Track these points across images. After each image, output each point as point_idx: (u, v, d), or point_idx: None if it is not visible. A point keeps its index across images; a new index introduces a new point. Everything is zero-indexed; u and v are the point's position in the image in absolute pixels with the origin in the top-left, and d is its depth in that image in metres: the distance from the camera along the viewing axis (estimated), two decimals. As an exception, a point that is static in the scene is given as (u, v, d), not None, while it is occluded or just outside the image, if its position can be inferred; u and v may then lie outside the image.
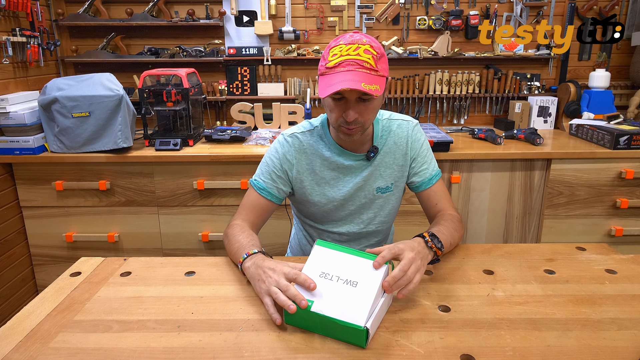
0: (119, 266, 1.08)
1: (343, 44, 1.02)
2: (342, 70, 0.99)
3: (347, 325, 0.77)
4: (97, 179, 2.10)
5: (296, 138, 1.22)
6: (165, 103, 2.10)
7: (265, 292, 0.86)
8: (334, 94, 1.01)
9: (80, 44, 2.56)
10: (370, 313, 0.79)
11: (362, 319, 0.77)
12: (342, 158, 1.20)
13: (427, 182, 1.23)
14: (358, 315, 0.78)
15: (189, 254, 2.21)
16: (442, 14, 2.53)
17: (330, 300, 0.81)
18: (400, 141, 1.22)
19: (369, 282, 0.83)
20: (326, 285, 0.84)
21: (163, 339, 0.80)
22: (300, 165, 1.21)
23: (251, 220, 1.19)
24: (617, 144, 2.05)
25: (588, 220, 2.17)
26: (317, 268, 0.87)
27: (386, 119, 1.24)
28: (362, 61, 0.99)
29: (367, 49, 1.01)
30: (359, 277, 0.84)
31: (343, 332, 0.78)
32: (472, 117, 2.71)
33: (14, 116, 2.00)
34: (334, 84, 0.98)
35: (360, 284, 0.83)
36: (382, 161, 1.22)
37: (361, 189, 1.23)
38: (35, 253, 2.21)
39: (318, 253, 0.90)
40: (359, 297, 0.81)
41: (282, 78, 2.62)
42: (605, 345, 0.78)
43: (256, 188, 1.21)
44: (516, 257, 1.11)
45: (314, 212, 1.27)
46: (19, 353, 0.77)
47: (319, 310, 0.79)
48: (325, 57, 1.04)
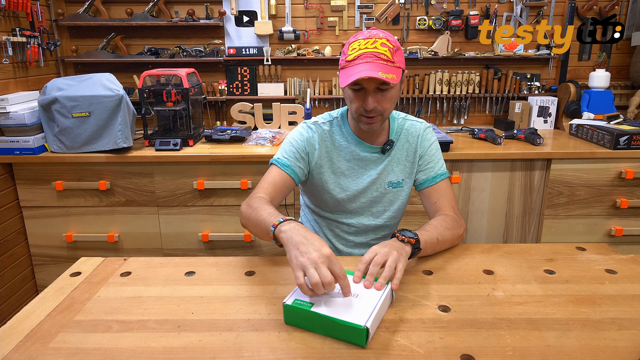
0: (119, 266, 1.08)
1: (361, 39, 1.09)
2: (360, 62, 1.07)
3: (347, 325, 0.77)
4: (97, 179, 2.10)
5: (319, 126, 1.27)
6: (165, 103, 2.10)
7: (301, 266, 0.82)
8: (353, 85, 1.09)
9: (80, 44, 2.56)
10: (370, 313, 0.79)
11: (362, 319, 0.77)
12: (359, 149, 1.25)
13: (431, 180, 1.26)
14: (358, 315, 0.78)
15: (189, 254, 2.21)
16: (442, 14, 2.53)
17: (331, 303, 0.82)
18: (412, 139, 1.28)
19: (369, 292, 0.86)
20: (327, 295, 0.85)
21: (163, 339, 0.80)
22: (322, 152, 1.26)
23: (272, 195, 1.17)
24: (617, 144, 2.05)
25: (588, 220, 2.17)
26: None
27: (402, 118, 1.30)
28: (379, 53, 1.06)
29: (383, 42, 1.08)
30: (359, 290, 0.87)
31: (344, 332, 0.78)
32: (472, 117, 2.71)
33: (14, 116, 2.00)
34: (353, 74, 1.05)
35: (360, 295, 0.85)
36: (395, 156, 1.27)
37: (374, 182, 1.27)
38: (35, 253, 2.21)
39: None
40: (359, 301, 0.83)
41: (282, 78, 2.62)
42: (605, 345, 0.78)
43: (279, 164, 1.22)
44: (516, 257, 1.11)
45: (326, 201, 1.30)
46: (19, 353, 0.77)
47: (319, 310, 0.79)
48: (345, 52, 1.12)
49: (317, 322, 0.80)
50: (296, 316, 0.81)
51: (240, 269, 1.06)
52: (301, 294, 0.84)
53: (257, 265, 1.08)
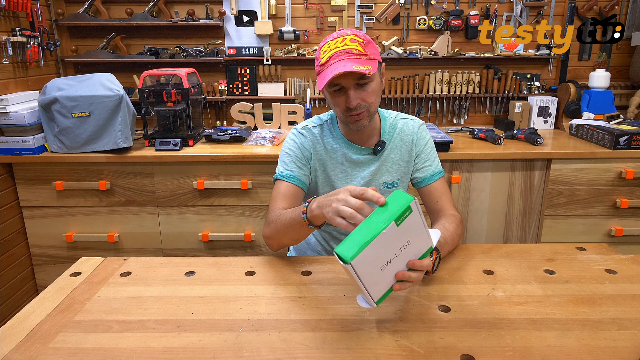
0: (119, 266, 1.08)
1: (330, 40, 1.09)
2: (333, 62, 1.06)
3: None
4: (97, 179, 2.10)
5: (309, 130, 1.26)
6: (165, 103, 2.10)
7: (335, 214, 0.84)
8: (332, 86, 1.08)
9: (80, 44, 2.56)
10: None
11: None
12: (351, 152, 1.24)
13: (430, 178, 1.26)
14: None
15: (189, 254, 2.21)
16: (442, 14, 2.53)
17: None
18: (406, 138, 1.27)
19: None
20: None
21: (163, 339, 0.80)
22: (315, 155, 1.25)
23: (286, 208, 1.15)
24: (617, 144, 2.05)
25: (588, 220, 2.17)
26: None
27: (393, 118, 1.29)
28: (350, 49, 1.06)
29: (352, 38, 1.07)
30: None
31: None
32: (472, 117, 2.71)
33: (14, 116, 2.00)
34: (327, 75, 1.04)
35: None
36: (389, 157, 1.26)
37: (368, 184, 1.26)
38: (35, 253, 2.21)
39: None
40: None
41: (282, 78, 2.62)
42: (605, 345, 0.78)
43: (285, 178, 1.21)
44: (516, 257, 1.11)
45: None
46: (19, 353, 0.77)
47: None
48: (318, 57, 1.11)
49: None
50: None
51: (240, 269, 1.06)
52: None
53: (257, 265, 1.08)
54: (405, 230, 0.77)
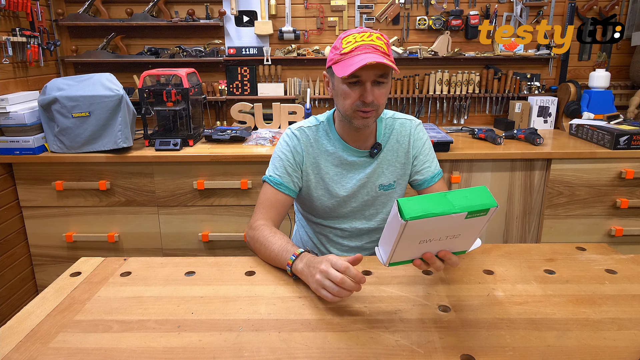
0: (119, 266, 1.08)
1: (355, 33, 1.07)
2: (360, 52, 1.04)
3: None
4: (97, 179, 2.10)
5: (303, 132, 1.24)
6: (165, 103, 2.10)
7: (320, 285, 0.88)
8: (350, 78, 1.05)
9: (80, 44, 2.56)
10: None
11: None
12: (346, 154, 1.23)
13: (430, 180, 1.25)
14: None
15: (189, 254, 2.21)
16: (442, 14, 2.53)
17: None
18: (402, 139, 1.25)
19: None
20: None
21: (163, 339, 0.80)
22: (308, 158, 1.23)
23: (272, 217, 1.18)
24: (617, 144, 2.05)
25: (588, 220, 2.17)
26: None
27: (389, 118, 1.27)
28: (377, 46, 1.05)
29: (379, 37, 1.07)
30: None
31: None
32: (472, 117, 2.71)
33: (14, 116, 2.00)
34: (354, 63, 1.02)
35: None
36: (385, 159, 1.24)
37: (364, 186, 1.24)
38: (35, 253, 2.21)
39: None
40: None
41: (282, 78, 2.62)
42: (605, 345, 0.78)
43: (272, 183, 1.20)
44: (516, 257, 1.11)
45: (316, 208, 1.28)
46: (19, 353, 0.77)
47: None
48: (338, 47, 1.08)
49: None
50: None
51: (240, 269, 1.06)
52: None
53: (257, 265, 1.08)
54: (467, 226, 0.77)
